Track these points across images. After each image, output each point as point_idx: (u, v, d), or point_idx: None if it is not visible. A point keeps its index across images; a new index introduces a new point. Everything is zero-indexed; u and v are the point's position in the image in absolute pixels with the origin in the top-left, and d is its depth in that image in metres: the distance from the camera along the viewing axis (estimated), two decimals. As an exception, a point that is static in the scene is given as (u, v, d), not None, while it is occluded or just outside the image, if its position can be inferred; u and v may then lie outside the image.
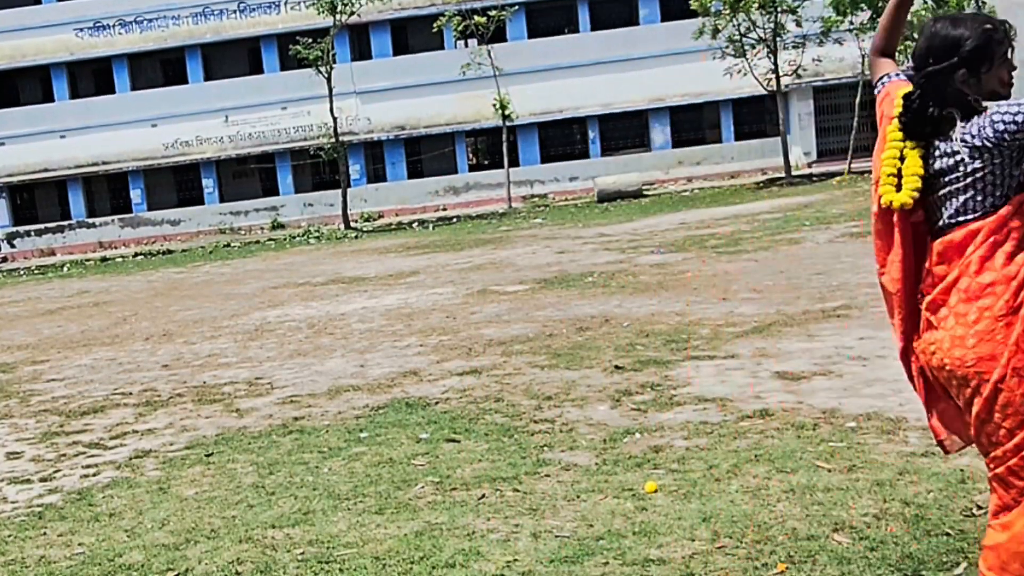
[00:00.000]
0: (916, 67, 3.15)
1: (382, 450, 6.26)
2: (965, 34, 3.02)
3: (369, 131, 36.95)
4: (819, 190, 25.82)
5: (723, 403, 6.58)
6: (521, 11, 35.48)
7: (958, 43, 3.01)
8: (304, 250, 26.48)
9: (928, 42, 3.09)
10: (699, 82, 34.21)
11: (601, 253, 16.98)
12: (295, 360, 9.97)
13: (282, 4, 36.96)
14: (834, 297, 10.19)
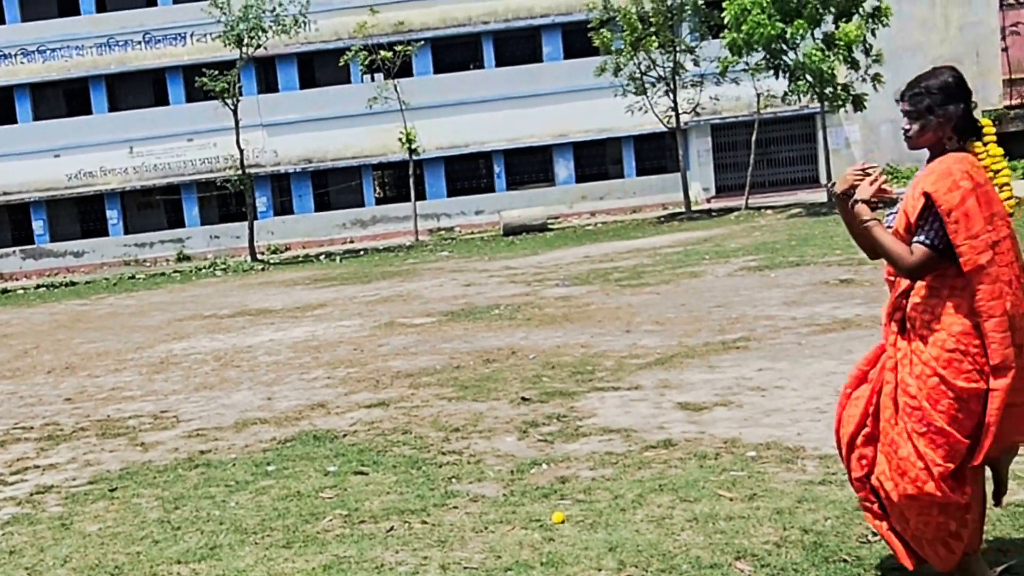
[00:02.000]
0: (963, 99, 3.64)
1: (290, 483, 6.23)
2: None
3: (276, 163, 36.68)
4: (718, 225, 26.40)
5: (628, 434, 6.70)
6: (427, 46, 35.68)
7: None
8: (210, 282, 26.06)
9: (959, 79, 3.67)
10: (602, 118, 34.77)
11: (507, 286, 17.11)
12: (201, 393, 9.84)
13: (188, 36, 36.53)
14: (733, 329, 10.45)
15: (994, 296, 3.52)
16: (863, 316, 10.46)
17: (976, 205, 3.52)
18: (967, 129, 3.69)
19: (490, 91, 35.78)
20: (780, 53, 26.64)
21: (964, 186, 3.53)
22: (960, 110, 3.65)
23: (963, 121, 3.67)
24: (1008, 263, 3.55)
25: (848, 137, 34.72)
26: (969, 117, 3.67)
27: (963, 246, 3.53)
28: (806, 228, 22.08)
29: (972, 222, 3.51)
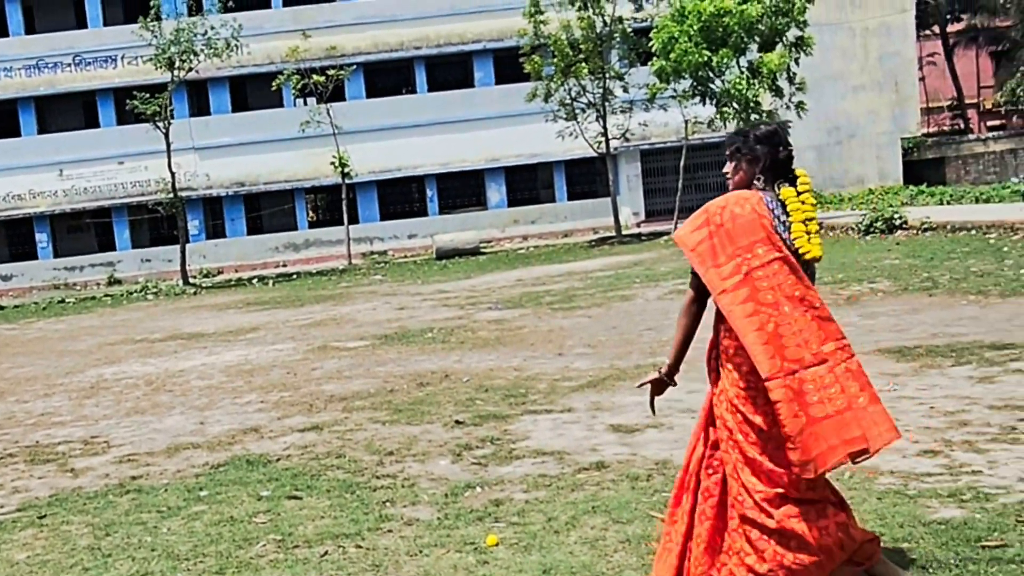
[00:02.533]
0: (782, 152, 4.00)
1: (222, 508, 6.20)
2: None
3: (208, 187, 36.35)
4: (648, 249, 26.73)
5: (561, 456, 6.78)
6: (359, 71, 35.69)
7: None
8: (142, 306, 25.66)
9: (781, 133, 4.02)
10: (533, 143, 35.07)
11: (440, 309, 17.14)
12: (132, 418, 9.72)
13: (119, 58, 36.09)
14: (664, 352, 10.58)
15: (747, 315, 3.76)
16: (789, 339, 10.68)
17: (723, 235, 3.84)
18: (776, 172, 3.99)
19: (422, 116, 35.88)
20: (707, 81, 27.13)
21: (713, 221, 3.87)
22: (767, 153, 3.96)
23: (771, 164, 3.97)
24: (772, 287, 3.78)
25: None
26: (778, 162, 3.97)
27: (705, 276, 3.87)
28: (734, 252, 22.41)
29: (715, 252, 3.84)
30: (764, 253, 3.83)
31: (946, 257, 16.48)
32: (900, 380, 8.18)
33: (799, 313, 3.78)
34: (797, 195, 3.97)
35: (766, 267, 3.80)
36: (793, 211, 3.95)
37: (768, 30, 26.35)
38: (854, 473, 5.79)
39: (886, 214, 22.73)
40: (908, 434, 6.53)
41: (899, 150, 36.01)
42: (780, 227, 3.93)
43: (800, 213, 3.95)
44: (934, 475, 5.66)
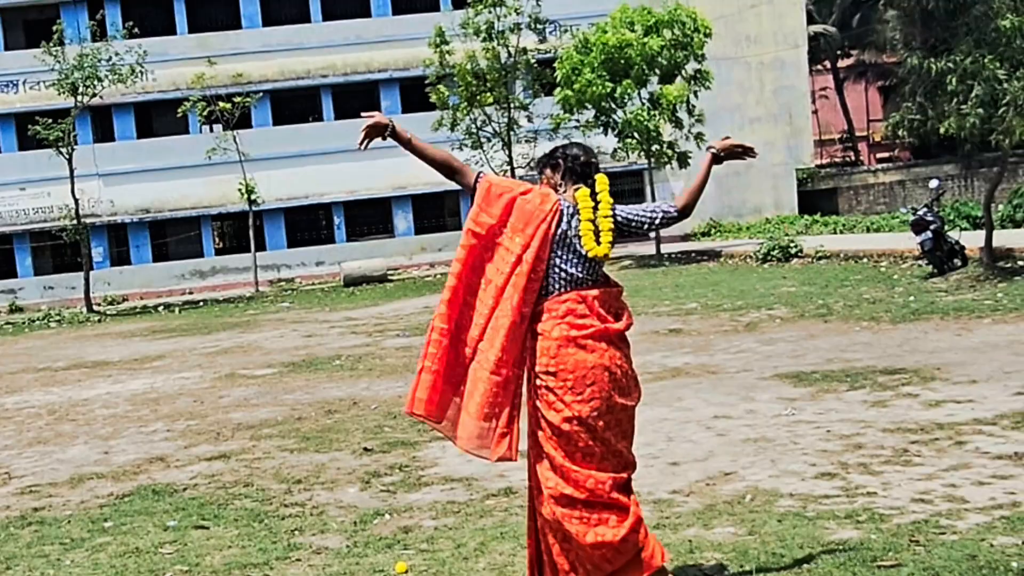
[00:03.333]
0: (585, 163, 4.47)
1: (128, 539, 6.11)
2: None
3: (112, 213, 35.60)
4: (554, 277, 26.88)
5: (469, 482, 6.84)
6: (266, 98, 35.39)
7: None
8: (44, 334, 24.96)
9: (586, 149, 4.54)
10: (440, 171, 35.16)
11: (348, 337, 17.07)
12: (35, 448, 9.50)
13: (20, 83, 35.20)
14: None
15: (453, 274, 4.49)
16: (692, 364, 10.95)
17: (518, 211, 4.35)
18: (575, 178, 4.47)
19: (329, 143, 35.69)
20: (609, 112, 27.62)
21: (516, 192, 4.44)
22: (564, 160, 4.50)
23: (567, 170, 4.48)
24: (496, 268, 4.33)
25: (674, 192, 36.05)
26: (574, 168, 4.47)
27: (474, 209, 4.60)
28: (636, 279, 22.81)
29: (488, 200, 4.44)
30: (517, 244, 4.27)
31: (840, 285, 17.02)
32: (797, 405, 8.44)
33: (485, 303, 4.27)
34: (592, 196, 4.37)
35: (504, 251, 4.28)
36: (582, 209, 4.33)
37: (668, 63, 26.95)
38: (755, 496, 5.98)
39: (782, 243, 23.32)
40: (805, 457, 6.77)
41: (794, 181, 37.03)
42: (567, 227, 4.31)
43: (587, 211, 4.32)
44: (831, 497, 5.86)
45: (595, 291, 4.32)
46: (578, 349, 4.21)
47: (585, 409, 4.19)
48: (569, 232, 4.31)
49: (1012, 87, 14.60)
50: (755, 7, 36.11)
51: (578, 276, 4.32)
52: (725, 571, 4.82)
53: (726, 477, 6.48)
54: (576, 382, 4.19)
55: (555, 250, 4.29)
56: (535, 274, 4.25)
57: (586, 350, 4.21)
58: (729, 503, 5.90)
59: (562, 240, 4.30)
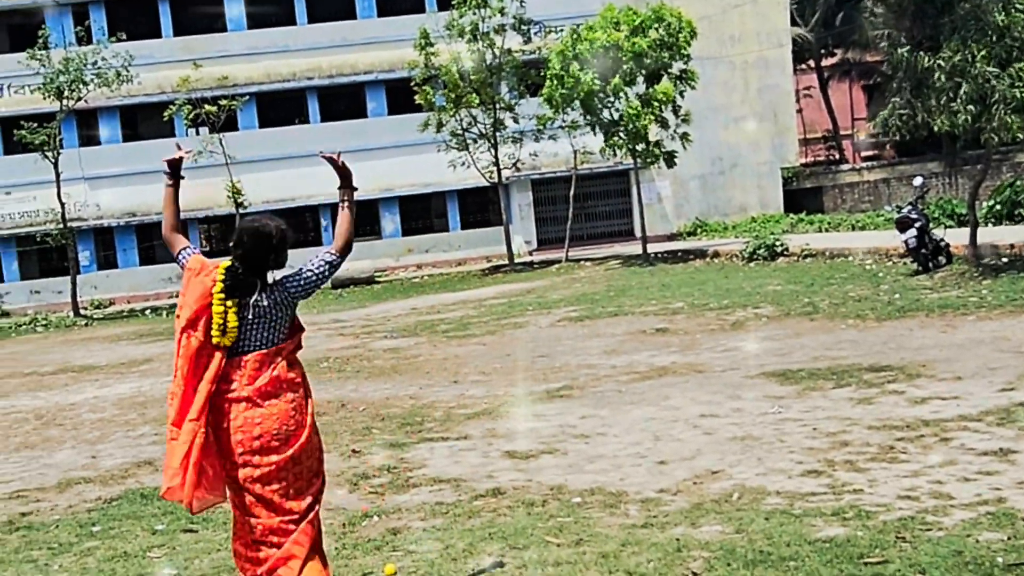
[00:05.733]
0: (237, 250, 4.55)
1: (116, 544, 6.10)
2: (272, 230, 4.60)
3: (99, 217, 35.46)
4: (540, 276, 27.00)
5: (457, 483, 6.84)
6: (252, 101, 35.29)
7: (270, 235, 4.59)
8: (31, 338, 24.85)
9: (251, 233, 4.57)
10: (426, 173, 35.13)
11: (336, 338, 17.04)
12: (22, 453, 9.47)
13: (5, 88, 35.01)
14: (557, 378, 10.77)
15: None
16: (678, 363, 10.97)
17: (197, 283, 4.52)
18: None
19: (316, 145, 35.01)
20: (597, 111, 27.64)
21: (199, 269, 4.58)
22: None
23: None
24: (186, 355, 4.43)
25: (660, 192, 36.20)
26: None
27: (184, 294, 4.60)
28: (623, 279, 22.84)
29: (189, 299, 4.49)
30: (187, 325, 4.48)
31: (825, 283, 17.06)
32: (784, 402, 8.47)
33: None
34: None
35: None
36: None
37: (654, 63, 26.99)
38: (743, 494, 5.99)
39: (768, 241, 23.37)
40: (792, 455, 6.79)
41: (779, 179, 37.13)
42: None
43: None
44: (818, 494, 5.87)
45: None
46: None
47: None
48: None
49: (1001, 84, 14.63)
50: (739, 7, 36.18)
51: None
52: (712, 570, 4.82)
53: (713, 475, 6.49)
54: None
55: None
56: None
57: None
58: (716, 501, 5.92)
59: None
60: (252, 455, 4.35)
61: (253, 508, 4.38)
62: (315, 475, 4.52)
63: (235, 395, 4.40)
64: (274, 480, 4.36)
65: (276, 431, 4.38)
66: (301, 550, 4.32)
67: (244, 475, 4.36)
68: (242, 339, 4.47)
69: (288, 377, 4.50)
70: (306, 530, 4.37)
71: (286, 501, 4.36)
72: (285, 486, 4.37)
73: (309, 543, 4.36)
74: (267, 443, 4.36)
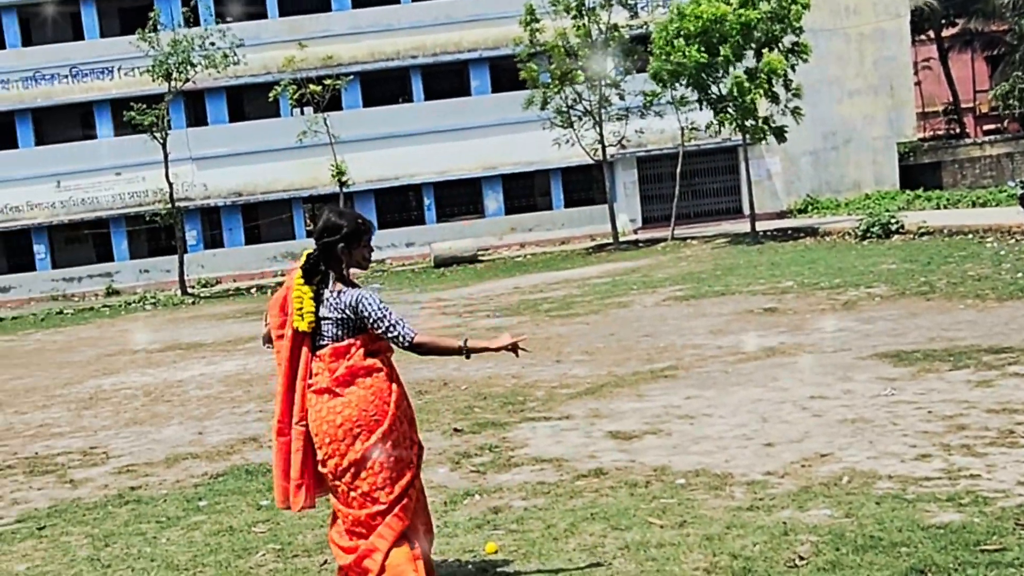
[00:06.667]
0: (316, 239, 4.59)
1: (222, 518, 6.20)
2: (345, 223, 4.51)
3: (206, 197, 36.34)
4: (645, 255, 26.75)
5: (559, 463, 6.78)
6: (356, 80, 35.70)
7: (340, 227, 4.51)
8: (140, 316, 25.66)
9: (323, 224, 4.57)
10: (530, 151, 35.08)
11: (438, 317, 17.14)
12: (131, 428, 9.72)
13: (115, 70, 36.09)
14: (662, 358, 10.63)
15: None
16: (787, 344, 10.72)
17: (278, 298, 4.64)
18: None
19: (419, 124, 35.91)
20: (704, 86, 27.18)
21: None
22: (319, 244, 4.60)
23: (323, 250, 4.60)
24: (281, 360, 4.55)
25: (769, 168, 35.48)
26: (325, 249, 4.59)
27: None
28: (731, 258, 22.48)
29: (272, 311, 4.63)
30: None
31: (943, 261, 16.51)
32: (898, 385, 8.19)
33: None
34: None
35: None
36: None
37: (764, 36, 26.40)
38: (853, 478, 5.80)
39: (883, 219, 22.77)
40: (905, 438, 6.55)
41: (895, 155, 36.06)
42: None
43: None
44: (932, 479, 5.66)
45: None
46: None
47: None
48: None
49: None
50: (855, -23, 35.19)
51: None
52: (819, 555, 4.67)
53: (822, 458, 6.31)
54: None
55: None
56: None
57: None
58: (825, 485, 5.75)
59: None
60: (337, 444, 4.37)
61: (342, 499, 4.39)
62: (406, 465, 4.44)
63: (317, 387, 4.45)
64: (361, 470, 4.35)
65: (356, 418, 4.37)
66: (384, 543, 4.29)
67: (332, 466, 4.38)
68: (319, 331, 4.50)
69: (365, 364, 4.47)
70: (391, 523, 4.33)
71: (373, 492, 4.34)
72: (372, 476, 4.34)
73: (394, 536, 4.32)
74: (349, 431, 4.37)
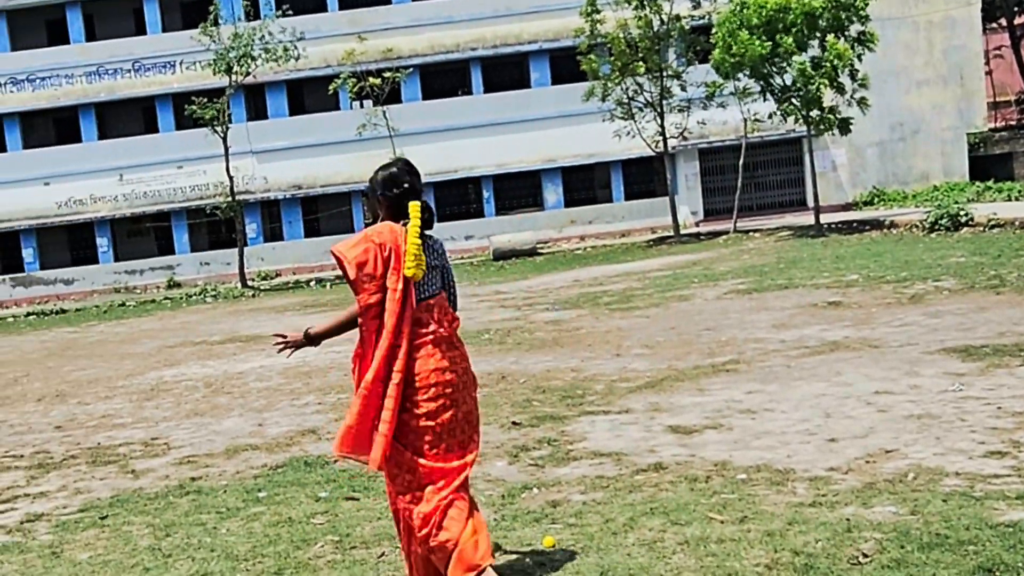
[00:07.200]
0: (398, 188, 4.64)
1: (281, 509, 6.23)
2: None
3: (266, 190, 36.75)
4: (706, 248, 26.51)
5: (618, 457, 6.72)
6: (415, 73, 35.83)
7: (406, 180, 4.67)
8: (201, 309, 26.02)
9: (405, 171, 4.78)
10: (590, 143, 34.94)
11: (497, 310, 17.13)
12: (192, 420, 9.84)
13: (177, 64, 36.64)
14: (723, 352, 10.49)
15: (372, 332, 4.48)
16: (852, 338, 10.52)
17: (373, 257, 4.42)
18: (398, 208, 4.62)
19: (478, 117, 35.94)
20: (767, 76, 26.82)
21: (365, 243, 4.47)
22: (389, 195, 4.63)
23: (390, 203, 4.64)
24: (391, 312, 4.40)
25: (834, 160, 34.94)
26: (397, 200, 4.63)
27: (358, 286, 4.45)
28: (794, 251, 22.19)
29: (367, 268, 4.40)
30: (394, 281, 4.44)
31: (1014, 254, 16.13)
32: (966, 380, 7.99)
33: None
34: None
35: (390, 293, 4.43)
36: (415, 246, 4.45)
37: (829, 25, 25.97)
38: (919, 475, 5.67)
39: (951, 211, 22.32)
40: (973, 435, 6.38)
41: (965, 145, 35.29)
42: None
43: (414, 249, 4.47)
44: (1002, 476, 5.51)
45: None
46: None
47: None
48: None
49: None
50: (923, -36, 34.49)
51: None
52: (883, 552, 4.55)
53: (887, 454, 6.17)
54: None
55: None
56: None
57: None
58: (890, 481, 5.62)
59: None
60: (459, 394, 4.47)
61: (439, 453, 4.40)
62: (475, 431, 4.58)
63: (435, 336, 4.48)
64: (473, 419, 4.51)
65: (469, 370, 4.58)
66: (460, 519, 4.30)
67: (446, 417, 4.40)
68: (423, 282, 4.52)
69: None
70: (461, 502, 4.36)
71: (470, 445, 4.47)
72: (472, 429, 4.50)
73: (465, 521, 4.33)
74: (469, 382, 4.55)
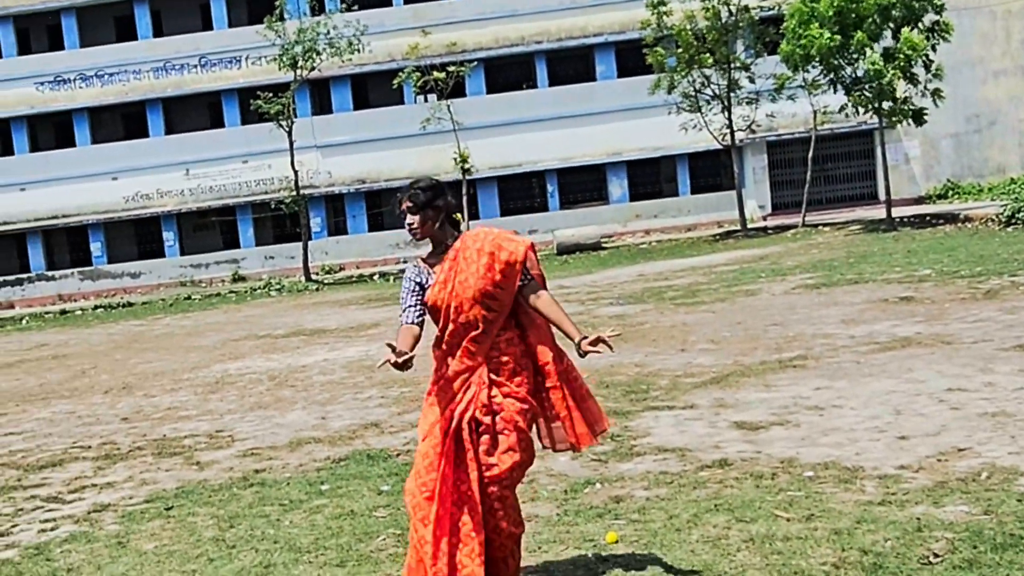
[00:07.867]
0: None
1: (343, 502, 6.25)
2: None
3: (330, 184, 37.09)
4: (774, 242, 26.18)
5: (683, 453, 6.64)
6: (480, 67, 35.87)
7: None
8: (265, 302, 26.35)
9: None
10: (656, 136, 34.70)
11: (561, 305, 17.04)
12: (256, 412, 9.94)
13: (243, 59, 37.13)
14: (790, 348, 10.33)
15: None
16: (924, 334, 10.29)
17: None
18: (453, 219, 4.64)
19: (543, 110, 35.88)
20: (837, 68, 26.36)
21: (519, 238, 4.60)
22: (446, 203, 4.58)
23: (448, 212, 4.59)
24: None
25: (907, 153, 34.28)
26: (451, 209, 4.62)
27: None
28: (864, 245, 21.81)
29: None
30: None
31: (1094, 248, 15.67)
32: (1045, 377, 7.76)
33: None
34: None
35: None
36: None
37: (903, 15, 25.44)
38: (992, 474, 5.51)
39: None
40: (1054, 435, 6.19)
41: (1044, 137, 34.47)
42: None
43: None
44: (1083, 478, 5.33)
45: None
46: None
47: None
48: None
49: None
50: (999, -48, 33.66)
51: None
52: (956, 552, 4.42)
53: (960, 453, 6.02)
54: None
55: None
56: None
57: None
58: (963, 480, 5.49)
59: None
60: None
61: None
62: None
63: None
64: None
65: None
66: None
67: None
68: None
69: None
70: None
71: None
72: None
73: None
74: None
